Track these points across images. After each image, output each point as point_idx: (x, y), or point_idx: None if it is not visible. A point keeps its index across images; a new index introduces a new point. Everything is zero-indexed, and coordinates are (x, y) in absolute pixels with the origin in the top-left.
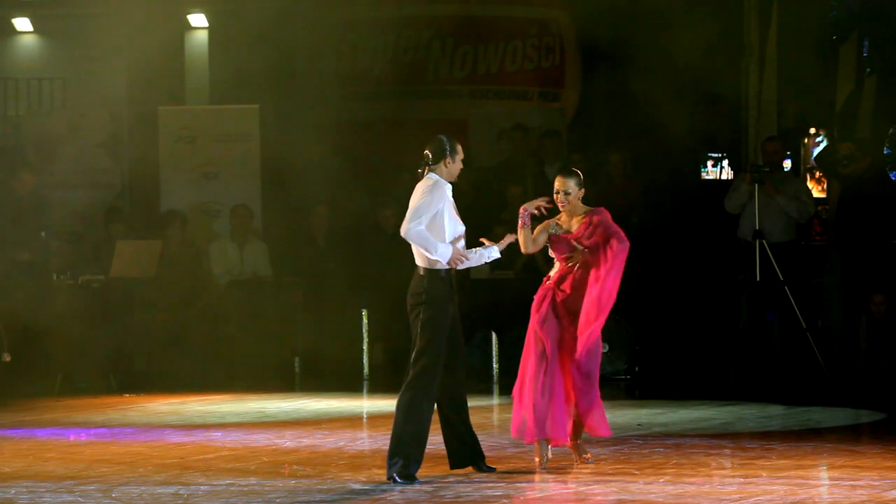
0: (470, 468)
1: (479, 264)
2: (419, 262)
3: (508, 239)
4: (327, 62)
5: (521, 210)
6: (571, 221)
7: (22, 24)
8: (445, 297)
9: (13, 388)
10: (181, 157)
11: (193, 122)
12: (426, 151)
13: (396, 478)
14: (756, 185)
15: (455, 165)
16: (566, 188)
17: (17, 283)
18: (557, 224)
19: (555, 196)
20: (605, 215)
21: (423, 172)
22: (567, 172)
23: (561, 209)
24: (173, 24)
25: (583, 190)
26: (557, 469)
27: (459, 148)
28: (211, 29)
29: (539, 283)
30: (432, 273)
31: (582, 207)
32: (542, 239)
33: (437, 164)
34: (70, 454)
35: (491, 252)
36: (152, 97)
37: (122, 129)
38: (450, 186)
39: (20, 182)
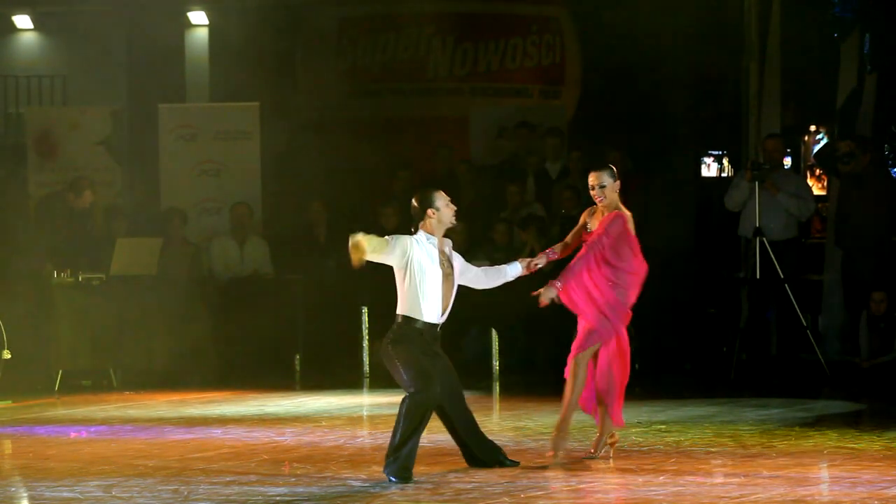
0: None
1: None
2: (398, 309)
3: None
4: (327, 59)
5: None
6: (594, 220)
7: (22, 21)
8: (412, 340)
9: (13, 386)
10: (181, 154)
11: (194, 120)
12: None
13: (392, 477)
14: (756, 183)
15: (442, 213)
16: (601, 182)
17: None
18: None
19: (591, 192)
20: (620, 220)
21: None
22: (599, 166)
23: (599, 204)
24: (173, 21)
25: (618, 182)
26: (558, 466)
27: (436, 195)
28: (211, 26)
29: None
30: (407, 320)
31: (615, 203)
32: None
33: (423, 220)
34: (70, 452)
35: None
36: (152, 94)
37: (123, 127)
38: (429, 237)
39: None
